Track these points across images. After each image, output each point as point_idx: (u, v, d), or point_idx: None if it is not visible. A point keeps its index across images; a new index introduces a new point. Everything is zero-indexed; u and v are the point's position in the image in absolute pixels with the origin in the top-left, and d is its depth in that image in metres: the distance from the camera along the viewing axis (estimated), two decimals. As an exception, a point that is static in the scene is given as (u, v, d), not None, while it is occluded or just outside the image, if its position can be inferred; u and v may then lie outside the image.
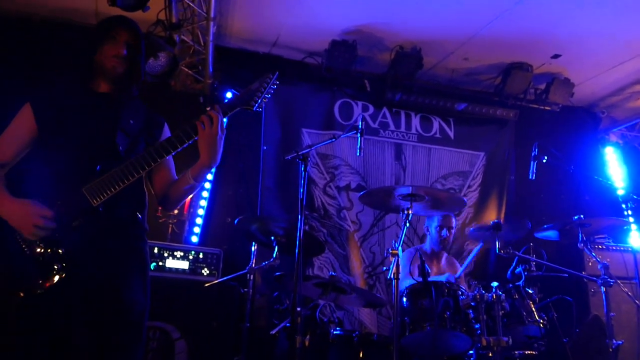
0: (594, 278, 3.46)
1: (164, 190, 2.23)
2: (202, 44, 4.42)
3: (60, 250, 1.92)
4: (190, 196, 2.32)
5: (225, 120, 2.12)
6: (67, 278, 1.92)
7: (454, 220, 4.33)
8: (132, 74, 2.17)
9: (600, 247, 4.82)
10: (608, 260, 3.91)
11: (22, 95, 2.15)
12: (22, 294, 1.89)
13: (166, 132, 2.28)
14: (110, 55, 2.11)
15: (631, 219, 5.64)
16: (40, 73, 4.19)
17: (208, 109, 2.13)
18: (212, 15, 3.94)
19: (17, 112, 2.12)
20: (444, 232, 4.22)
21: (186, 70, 4.71)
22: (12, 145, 2.10)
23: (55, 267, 1.91)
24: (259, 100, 2.16)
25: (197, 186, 2.18)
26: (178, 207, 4.28)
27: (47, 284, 1.90)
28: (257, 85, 2.17)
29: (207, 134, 2.02)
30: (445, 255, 4.39)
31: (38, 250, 1.91)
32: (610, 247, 4.85)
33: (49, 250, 1.91)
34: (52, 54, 4.35)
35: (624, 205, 5.69)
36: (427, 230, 4.37)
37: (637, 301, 3.76)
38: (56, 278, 1.90)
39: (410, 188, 3.10)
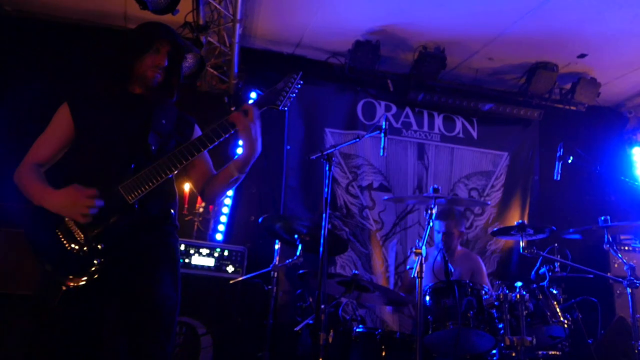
0: (620, 279, 3.42)
1: (203, 185, 2.30)
2: (228, 45, 4.50)
3: (99, 246, 1.98)
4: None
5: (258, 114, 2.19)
6: (104, 273, 1.98)
7: (455, 224, 4.12)
8: (172, 81, 2.24)
9: (626, 248, 4.75)
10: (634, 261, 3.86)
11: (57, 97, 2.23)
12: (64, 288, 1.96)
13: (197, 131, 2.34)
14: (152, 65, 2.16)
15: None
16: (73, 75, 4.31)
17: (232, 109, 2.19)
18: (238, 17, 4.01)
19: (55, 112, 2.19)
20: (440, 236, 4.11)
21: (212, 71, 4.80)
22: (51, 145, 2.17)
23: (95, 262, 1.97)
24: (285, 100, 2.22)
25: (241, 178, 2.26)
26: (216, 202, 4.38)
27: (88, 278, 1.96)
28: (282, 85, 2.23)
29: (247, 125, 2.10)
30: (460, 251, 4.29)
31: (79, 246, 1.98)
32: (637, 249, 4.78)
33: (89, 246, 1.98)
34: (83, 57, 4.48)
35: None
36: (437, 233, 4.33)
37: (663, 303, 3.70)
38: (96, 273, 1.97)
39: (434, 196, 3.09)
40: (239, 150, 4.27)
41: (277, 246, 3.89)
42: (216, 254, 4.09)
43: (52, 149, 2.17)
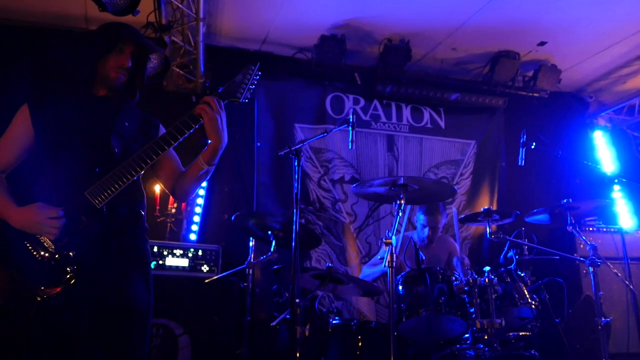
0: (583, 259, 3.55)
1: (173, 182, 2.30)
2: (193, 44, 4.47)
3: (71, 253, 1.97)
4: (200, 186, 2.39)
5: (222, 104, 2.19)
6: (77, 281, 1.97)
7: (441, 219, 4.26)
8: (135, 82, 2.22)
9: (590, 229, 4.92)
10: (599, 242, 4.02)
11: (19, 99, 2.16)
12: (39, 299, 1.94)
13: (162, 132, 2.31)
14: (115, 66, 2.13)
15: (620, 201, 5.74)
16: (33, 78, 4.22)
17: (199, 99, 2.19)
18: (201, 15, 3.99)
19: (14, 115, 2.13)
20: (427, 230, 4.23)
21: (178, 70, 4.76)
22: (11, 150, 2.12)
23: (68, 269, 1.96)
24: (244, 92, 2.23)
25: (211, 170, 2.25)
26: (190, 199, 4.33)
27: (61, 287, 1.95)
28: (240, 78, 2.24)
29: (212, 117, 2.09)
30: (435, 237, 4.40)
31: (49, 254, 1.96)
32: (601, 229, 4.95)
33: (60, 254, 1.96)
34: (43, 59, 4.39)
35: (612, 188, 5.79)
36: (416, 223, 4.43)
37: (626, 281, 3.86)
38: (70, 281, 1.95)
39: (402, 179, 3.16)
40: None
41: (251, 243, 3.90)
42: (190, 254, 4.08)
43: (13, 153, 2.12)
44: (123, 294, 2.04)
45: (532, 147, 3.72)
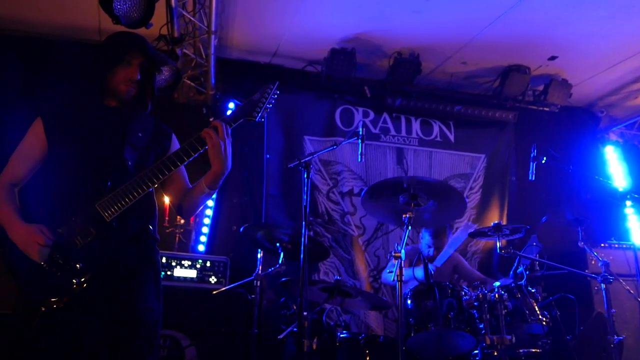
0: (594, 276, 3.50)
1: (179, 199, 2.28)
2: (204, 56, 4.52)
3: (78, 265, 1.97)
4: (203, 206, 2.38)
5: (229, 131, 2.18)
6: (84, 292, 1.96)
7: (447, 240, 4.27)
8: (146, 94, 2.22)
9: (602, 245, 4.86)
10: (610, 258, 3.96)
11: (32, 113, 2.18)
12: (43, 309, 1.94)
13: (174, 142, 2.32)
14: (124, 79, 2.13)
15: (631, 217, 5.67)
16: (48, 90, 4.29)
17: (211, 119, 2.19)
18: (213, 28, 4.04)
19: (29, 128, 2.15)
20: (431, 251, 4.25)
21: (189, 82, 4.81)
22: (25, 163, 2.13)
23: (74, 281, 1.95)
24: (261, 111, 2.21)
25: (212, 193, 2.23)
26: (193, 216, 4.35)
27: (66, 299, 1.95)
28: (258, 96, 2.21)
29: (216, 143, 2.07)
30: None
31: (56, 266, 1.96)
32: (613, 245, 4.89)
33: (67, 266, 1.96)
34: (58, 71, 4.45)
35: (624, 203, 5.73)
36: (421, 239, 4.43)
37: (638, 298, 3.80)
38: (76, 292, 1.95)
39: (411, 177, 3.15)
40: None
41: (259, 255, 3.90)
42: (198, 265, 4.08)
43: (26, 166, 2.13)
44: (132, 305, 2.04)
45: (543, 161, 3.70)
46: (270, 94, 2.24)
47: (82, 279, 1.96)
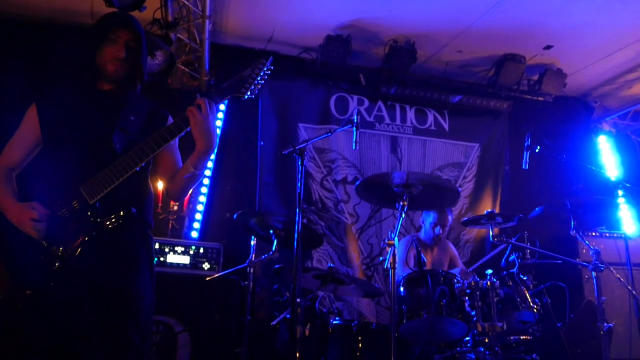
0: (586, 264, 3.53)
1: (169, 180, 2.26)
2: (198, 41, 4.48)
3: (60, 249, 1.96)
4: (193, 187, 2.34)
5: (222, 109, 2.13)
6: (69, 275, 1.96)
7: (450, 217, 4.41)
8: (135, 73, 2.18)
9: (593, 234, 4.90)
10: (602, 247, 3.99)
11: (28, 97, 2.19)
12: (28, 292, 1.96)
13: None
14: (111, 58, 2.10)
15: (623, 206, 5.71)
16: (42, 74, 4.24)
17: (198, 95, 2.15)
18: (207, 13, 3.99)
19: (24, 115, 2.16)
20: (437, 229, 4.30)
21: (183, 67, 4.77)
22: (21, 148, 2.15)
23: (57, 264, 1.95)
24: (251, 87, 2.13)
25: (199, 174, 2.17)
26: (182, 199, 4.32)
27: (52, 282, 1.95)
28: (249, 72, 2.14)
29: (199, 120, 2.02)
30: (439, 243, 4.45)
31: (39, 249, 1.96)
32: (604, 234, 4.94)
33: (50, 250, 1.96)
34: (51, 55, 4.39)
35: (616, 193, 5.76)
36: (423, 222, 4.45)
37: (628, 286, 3.84)
38: (59, 276, 1.95)
39: (405, 173, 3.15)
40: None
41: (253, 242, 3.89)
42: (191, 252, 4.08)
43: (22, 151, 2.15)
44: (124, 290, 2.03)
45: (537, 150, 3.70)
46: (262, 69, 2.16)
47: (65, 263, 1.96)
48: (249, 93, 2.15)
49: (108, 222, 2.02)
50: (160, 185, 4.43)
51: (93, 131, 2.09)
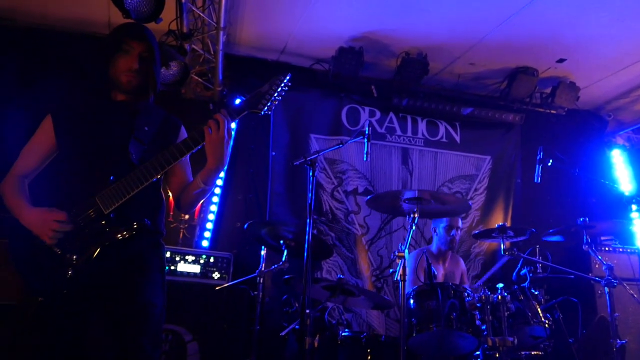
0: (598, 279, 3.49)
1: (179, 193, 2.27)
2: (212, 52, 4.53)
3: (74, 257, 1.98)
4: (202, 200, 2.35)
5: (234, 124, 2.14)
6: (81, 283, 1.97)
7: (460, 220, 4.42)
8: (148, 84, 2.20)
9: (606, 249, 4.84)
10: (615, 262, 3.95)
11: (43, 107, 2.23)
12: (40, 299, 1.98)
13: (182, 135, 2.29)
14: (124, 69, 2.13)
15: (637, 221, 5.65)
16: (58, 84, 4.31)
17: (211, 108, 2.16)
18: (222, 25, 4.04)
19: (40, 124, 2.20)
20: (453, 232, 4.30)
21: (196, 78, 4.82)
22: (34, 157, 2.19)
23: (70, 272, 1.97)
24: (268, 103, 2.14)
25: (208, 189, 2.17)
26: (191, 212, 4.35)
27: (65, 290, 1.97)
28: (266, 88, 2.15)
29: (214, 139, 2.03)
30: (450, 254, 4.44)
31: (52, 256, 1.97)
32: (617, 249, 4.87)
33: (64, 258, 1.98)
34: (68, 65, 4.47)
35: (630, 207, 5.71)
36: (435, 230, 4.43)
37: (642, 302, 3.79)
38: (72, 284, 1.97)
39: (416, 192, 3.16)
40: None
41: (263, 252, 3.91)
42: (202, 261, 4.10)
43: (36, 161, 2.19)
44: (135, 299, 2.05)
45: (549, 164, 3.69)
46: (280, 85, 2.17)
47: (79, 271, 1.97)
48: (266, 109, 2.16)
49: (122, 233, 2.03)
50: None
51: (108, 141, 2.11)
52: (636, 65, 5.10)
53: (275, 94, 2.16)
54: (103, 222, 2.01)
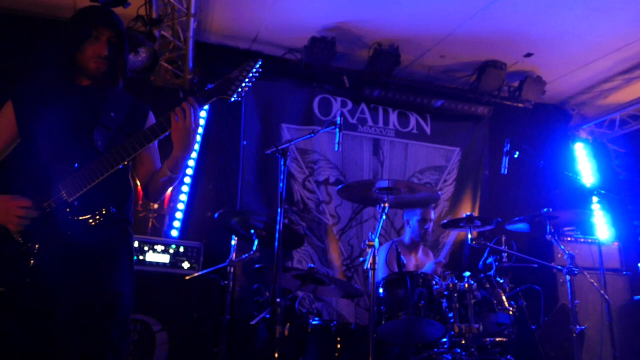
0: (560, 267, 3.61)
1: (147, 181, 2.23)
2: (182, 39, 4.46)
3: (36, 246, 1.93)
4: (170, 189, 2.31)
5: (206, 108, 2.10)
6: (45, 273, 1.93)
7: (432, 212, 4.48)
8: (117, 70, 2.16)
9: (568, 239, 5.00)
10: (576, 251, 4.09)
11: (4, 93, 2.15)
12: (1, 289, 1.91)
13: (151, 121, 2.24)
14: (93, 56, 2.08)
15: (598, 212, 5.85)
16: (21, 69, 4.17)
17: (181, 96, 2.12)
18: (192, 11, 3.98)
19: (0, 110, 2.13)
20: (427, 225, 4.36)
21: (166, 65, 4.74)
22: None
23: (32, 262, 1.92)
24: (238, 89, 2.11)
25: (175, 177, 2.14)
26: (159, 200, 4.29)
27: (29, 280, 1.92)
28: (236, 74, 2.11)
29: (180, 127, 2.00)
30: (421, 246, 4.52)
31: (16, 247, 1.92)
32: (578, 239, 5.04)
33: (26, 247, 1.93)
34: (32, 49, 4.33)
35: (591, 199, 5.90)
36: (407, 223, 4.49)
37: (601, 290, 3.93)
38: (35, 273, 1.92)
39: (387, 182, 3.20)
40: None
41: (233, 242, 3.89)
42: (171, 250, 4.06)
43: None
44: (102, 288, 2.01)
45: (515, 156, 3.77)
46: (251, 71, 2.13)
47: (41, 261, 1.93)
48: (235, 95, 2.12)
49: (86, 221, 1.99)
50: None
51: (73, 127, 2.06)
52: (600, 61, 5.25)
53: (246, 80, 2.13)
54: (67, 209, 1.96)
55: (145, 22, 3.94)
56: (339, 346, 3.34)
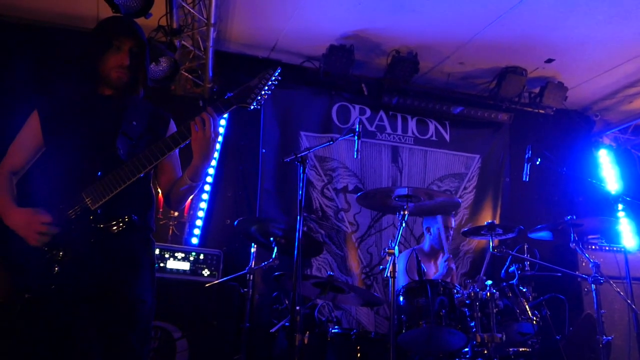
0: (585, 276, 3.54)
1: (168, 189, 2.25)
2: (202, 49, 4.51)
3: (60, 253, 1.96)
4: (191, 197, 2.33)
5: (225, 116, 2.13)
6: (69, 280, 1.95)
7: (453, 220, 4.43)
8: (138, 80, 2.19)
9: (593, 247, 4.90)
10: (601, 260, 4.00)
11: (30, 103, 2.20)
12: (26, 296, 1.94)
13: (172, 129, 2.27)
14: (114, 65, 2.11)
15: (623, 220, 5.73)
16: (46, 79, 4.26)
17: (201, 104, 2.15)
18: (212, 21, 4.02)
19: (26, 120, 2.17)
20: (448, 232, 4.30)
21: (186, 74, 4.80)
22: (22, 153, 2.16)
23: (57, 269, 1.95)
24: (257, 97, 2.13)
25: (196, 186, 2.17)
26: (180, 208, 4.33)
27: (52, 285, 1.94)
28: (255, 82, 2.14)
29: (200, 136, 2.03)
30: (441, 254, 4.46)
31: (39, 253, 1.95)
32: (603, 247, 4.93)
33: (50, 254, 1.96)
34: (56, 60, 4.42)
35: (616, 207, 5.78)
36: (428, 230, 4.44)
37: (628, 300, 3.84)
38: (58, 280, 1.95)
39: (407, 189, 3.18)
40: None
41: (253, 249, 3.90)
42: (191, 258, 4.08)
43: (24, 157, 2.16)
44: (124, 295, 2.03)
45: (537, 163, 3.72)
46: (270, 80, 2.16)
47: (65, 267, 1.95)
48: (255, 103, 2.15)
49: (109, 228, 2.01)
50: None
51: (96, 136, 2.09)
52: (623, 66, 5.16)
53: (265, 88, 2.16)
54: (90, 217, 1.99)
55: (166, 32, 4.00)
56: (358, 355, 3.31)
